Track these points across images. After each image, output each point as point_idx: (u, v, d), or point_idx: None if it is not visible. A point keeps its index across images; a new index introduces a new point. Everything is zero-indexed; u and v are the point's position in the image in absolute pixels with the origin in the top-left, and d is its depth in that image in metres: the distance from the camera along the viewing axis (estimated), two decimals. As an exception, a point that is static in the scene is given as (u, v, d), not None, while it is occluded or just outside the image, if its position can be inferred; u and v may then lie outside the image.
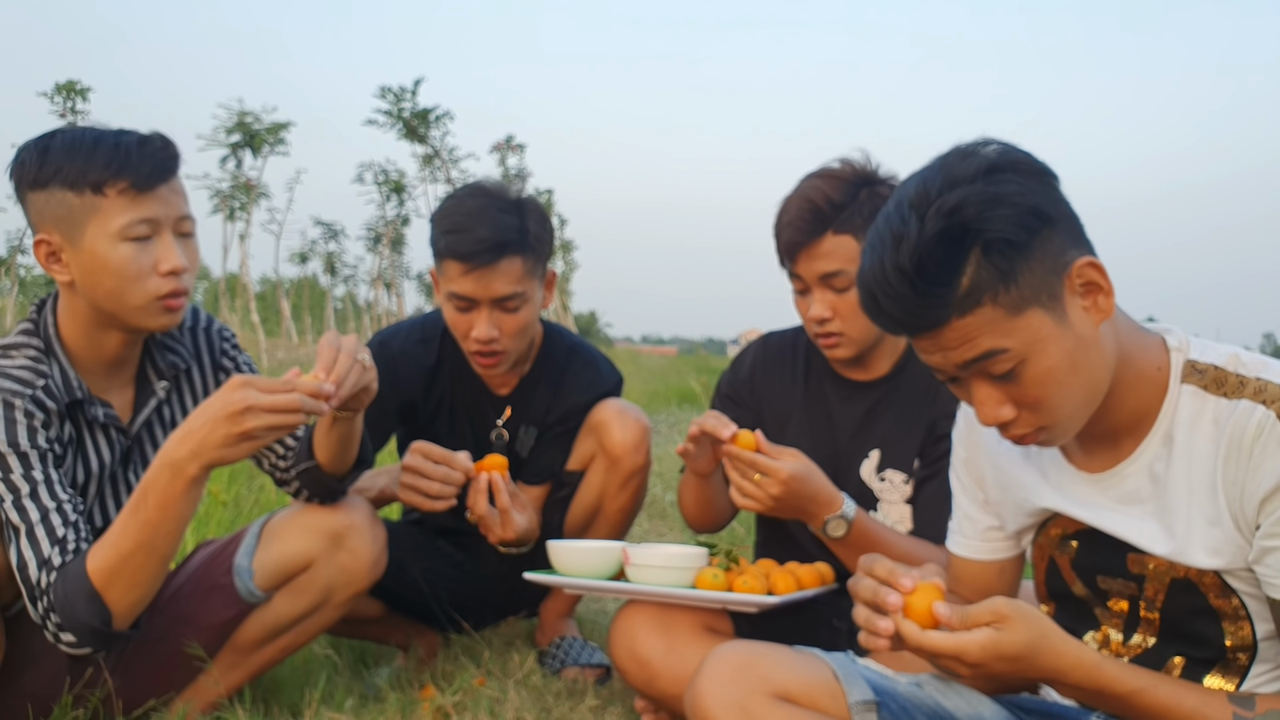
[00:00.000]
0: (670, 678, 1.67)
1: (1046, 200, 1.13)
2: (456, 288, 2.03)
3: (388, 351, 2.18)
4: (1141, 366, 1.21)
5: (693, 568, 1.72)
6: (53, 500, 1.52)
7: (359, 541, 1.76)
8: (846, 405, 1.98)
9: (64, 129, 1.59)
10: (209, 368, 1.83)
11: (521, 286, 2.05)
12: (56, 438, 1.58)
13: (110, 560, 1.49)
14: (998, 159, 1.13)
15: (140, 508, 1.49)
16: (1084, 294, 1.15)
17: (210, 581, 1.75)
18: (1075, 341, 1.14)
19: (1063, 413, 1.18)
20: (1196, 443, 1.18)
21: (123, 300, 1.57)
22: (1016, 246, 1.11)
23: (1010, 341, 1.13)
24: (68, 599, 1.48)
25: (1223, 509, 1.15)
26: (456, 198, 2.09)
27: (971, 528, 1.45)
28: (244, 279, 13.41)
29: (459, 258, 2.00)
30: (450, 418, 2.25)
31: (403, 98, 12.74)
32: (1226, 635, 1.21)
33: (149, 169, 1.55)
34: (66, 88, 12.50)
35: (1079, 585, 1.33)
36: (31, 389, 1.55)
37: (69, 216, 1.54)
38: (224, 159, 13.00)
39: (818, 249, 1.84)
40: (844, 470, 1.96)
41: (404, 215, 16.79)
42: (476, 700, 1.92)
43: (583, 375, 2.25)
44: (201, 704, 1.77)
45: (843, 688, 1.33)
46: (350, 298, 22.76)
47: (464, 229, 2.00)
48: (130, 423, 1.72)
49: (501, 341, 2.06)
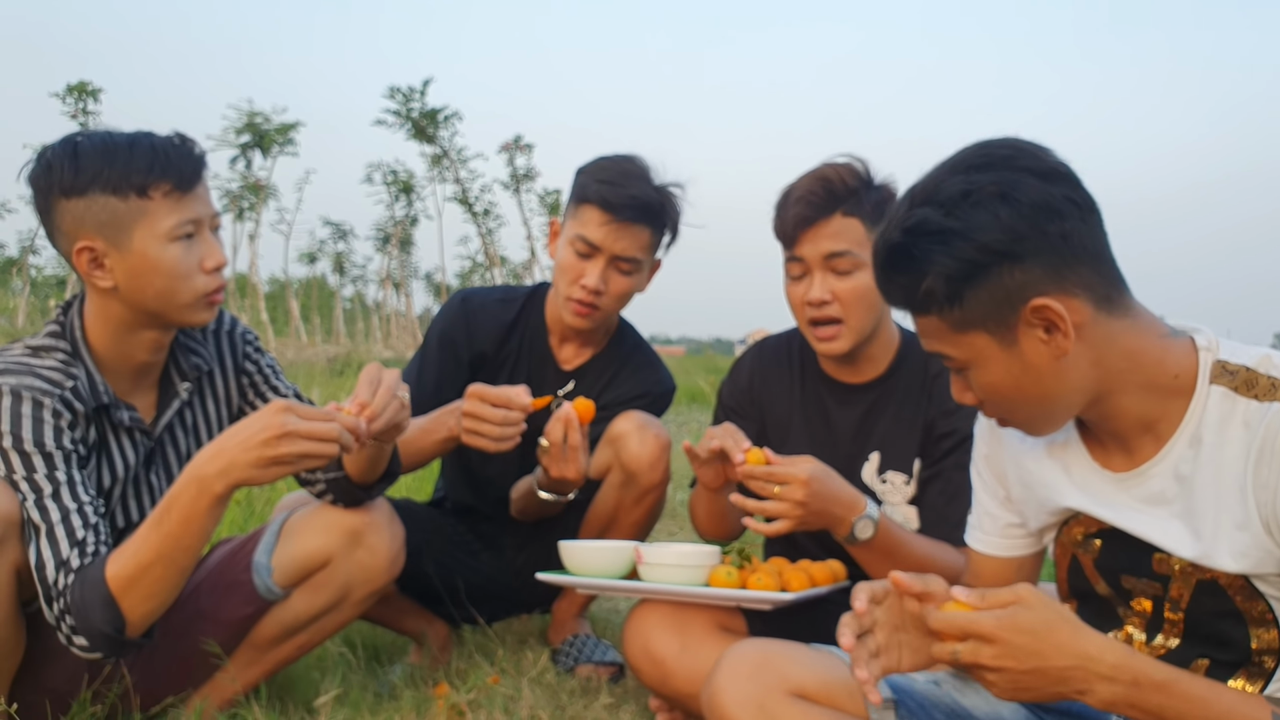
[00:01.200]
0: (684, 676, 1.67)
1: (1018, 236, 1.13)
2: (588, 233, 2.11)
3: (469, 305, 2.29)
4: (1153, 374, 1.19)
5: (706, 566, 1.72)
6: (74, 502, 1.53)
7: (378, 539, 1.77)
8: (843, 409, 1.97)
9: (84, 134, 1.59)
10: (231, 370, 1.84)
11: (641, 255, 2.15)
12: (81, 439, 1.59)
13: (129, 569, 1.49)
14: (991, 182, 1.14)
15: (163, 520, 1.50)
16: (1046, 327, 1.16)
17: (229, 578, 1.75)
18: (1021, 368, 1.18)
19: (1017, 418, 1.24)
20: (1226, 445, 1.16)
21: (172, 299, 1.60)
22: (960, 279, 1.15)
23: (954, 351, 1.21)
24: (84, 603, 1.49)
25: (1252, 512, 1.14)
26: (613, 157, 2.19)
27: (992, 524, 1.45)
28: (253, 279, 13.46)
29: (605, 205, 2.09)
30: (509, 377, 2.28)
31: (411, 98, 12.79)
32: (1253, 638, 1.19)
33: (190, 169, 1.57)
34: (78, 88, 12.58)
35: (1102, 584, 1.32)
36: (60, 390, 1.56)
37: (113, 221, 1.54)
38: (233, 159, 13.07)
39: (826, 227, 1.82)
40: (846, 474, 1.92)
41: (412, 215, 16.83)
42: (491, 698, 1.92)
43: (641, 372, 2.30)
44: (218, 701, 1.78)
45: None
46: (359, 297, 22.83)
47: (618, 184, 2.10)
48: (153, 425, 1.73)
49: (603, 299, 2.15)
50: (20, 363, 1.57)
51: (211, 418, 1.82)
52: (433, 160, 14.02)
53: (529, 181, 15.24)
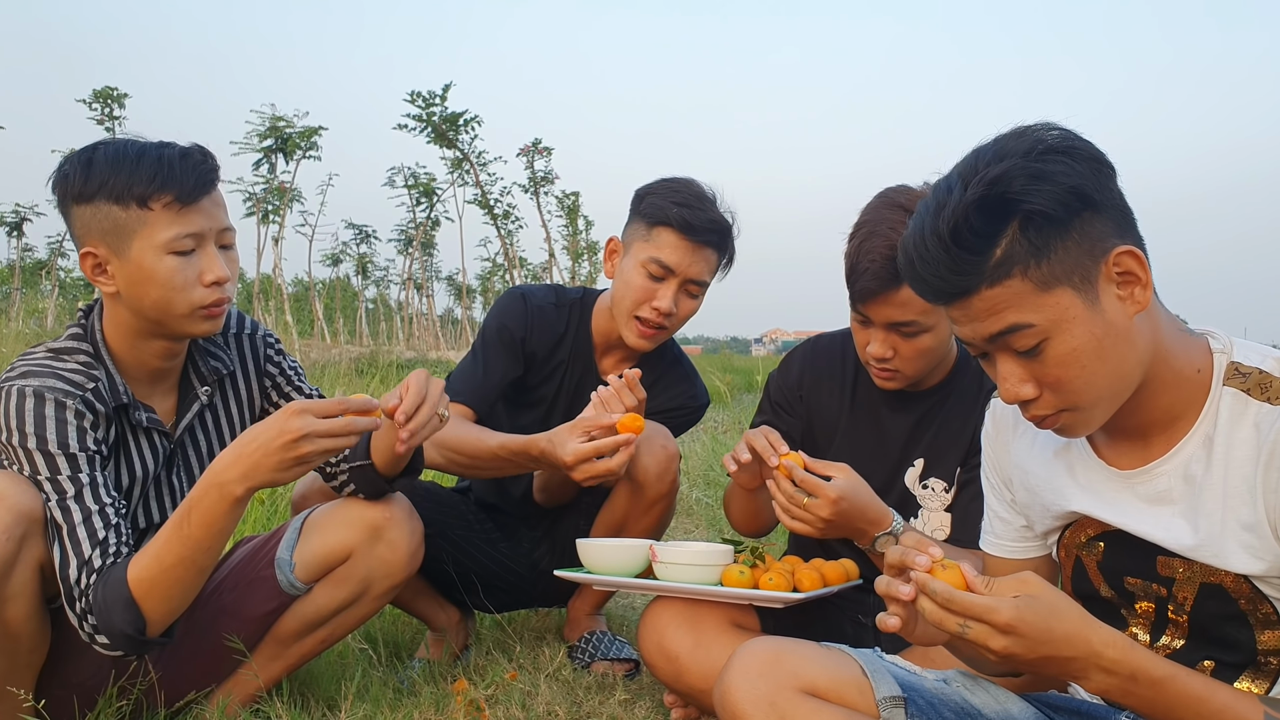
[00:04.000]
0: (698, 672, 1.69)
1: (1094, 186, 1.13)
2: (664, 256, 2.12)
3: (530, 302, 2.31)
4: (1180, 366, 1.20)
5: (719, 564, 1.73)
6: (96, 503, 1.56)
7: (398, 534, 1.80)
8: (897, 416, 1.97)
9: (106, 142, 1.62)
10: (253, 373, 1.87)
11: (710, 278, 2.20)
12: (103, 439, 1.62)
13: (151, 571, 1.53)
14: (1053, 141, 1.14)
15: (184, 523, 1.53)
16: (1121, 283, 1.14)
17: (252, 575, 1.79)
18: (1104, 327, 1.14)
19: (1085, 397, 1.17)
20: (1235, 446, 1.16)
21: (168, 309, 1.62)
22: (1053, 223, 1.11)
23: (1036, 317, 1.13)
24: (106, 603, 1.52)
25: (1260, 515, 1.14)
26: (681, 181, 2.20)
27: (1003, 527, 1.46)
28: (277, 280, 13.57)
29: (685, 229, 2.11)
30: (556, 387, 2.33)
31: (432, 102, 12.84)
32: (1257, 640, 1.20)
33: (192, 182, 1.58)
34: (104, 94, 12.72)
35: (1105, 587, 1.32)
36: (82, 391, 1.59)
37: (115, 230, 1.58)
38: (257, 163, 13.16)
39: (893, 298, 1.77)
40: (890, 478, 1.96)
41: (434, 218, 16.90)
42: (508, 693, 1.95)
43: (678, 385, 2.33)
44: (241, 696, 1.81)
45: (870, 683, 1.33)
46: (382, 299, 22.94)
47: (698, 207, 2.13)
48: (174, 427, 1.76)
49: (672, 320, 2.18)
50: (43, 365, 1.60)
51: (235, 419, 1.85)
52: (453, 164, 14.08)
53: (548, 184, 15.27)
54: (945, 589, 1.07)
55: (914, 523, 1.93)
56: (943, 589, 1.07)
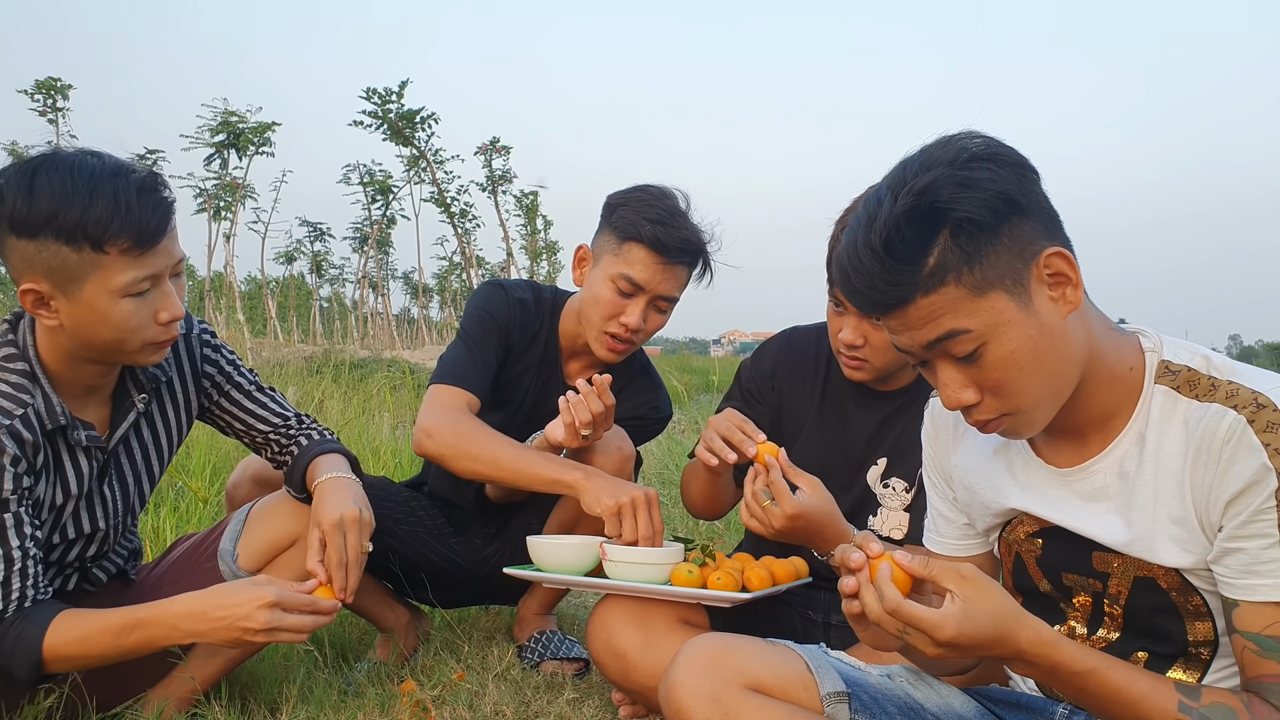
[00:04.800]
0: (647, 670, 1.69)
1: (1020, 190, 1.14)
2: (635, 273, 2.08)
3: (511, 295, 2.27)
4: (1113, 365, 1.22)
5: (669, 563, 1.73)
6: (16, 543, 1.51)
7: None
8: (864, 413, 1.99)
9: (50, 161, 1.46)
10: (189, 376, 1.82)
11: (679, 294, 2.16)
12: (27, 470, 1.53)
13: (71, 650, 1.51)
14: (977, 149, 1.15)
15: (124, 634, 1.52)
16: (1052, 284, 1.16)
17: (193, 567, 1.76)
18: (1039, 329, 1.16)
19: (1026, 399, 1.19)
20: (1165, 443, 1.19)
21: (120, 347, 1.55)
22: (983, 229, 1.12)
23: (972, 322, 1.15)
24: (11, 654, 1.50)
25: (1189, 509, 1.17)
26: (655, 193, 2.14)
27: (946, 525, 1.48)
28: (229, 278, 13.36)
29: (657, 247, 2.06)
30: (525, 386, 2.30)
31: (388, 99, 12.72)
32: (1188, 631, 1.23)
33: (153, 224, 1.47)
34: (46, 85, 12.42)
35: (1044, 582, 1.35)
36: (10, 419, 1.51)
37: (63, 270, 1.45)
38: (209, 159, 12.95)
39: None
40: (852, 475, 1.97)
41: (390, 216, 16.76)
42: (456, 694, 1.93)
43: (642, 394, 2.31)
44: (177, 699, 1.77)
45: (815, 679, 1.34)
46: (337, 297, 22.70)
47: (671, 225, 2.07)
48: (108, 438, 1.70)
49: (639, 335, 2.15)
50: None
51: (171, 424, 1.81)
52: (410, 161, 13.97)
53: (506, 183, 15.20)
54: (894, 596, 1.09)
55: (872, 521, 1.94)
56: (891, 595, 1.09)
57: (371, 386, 7.60)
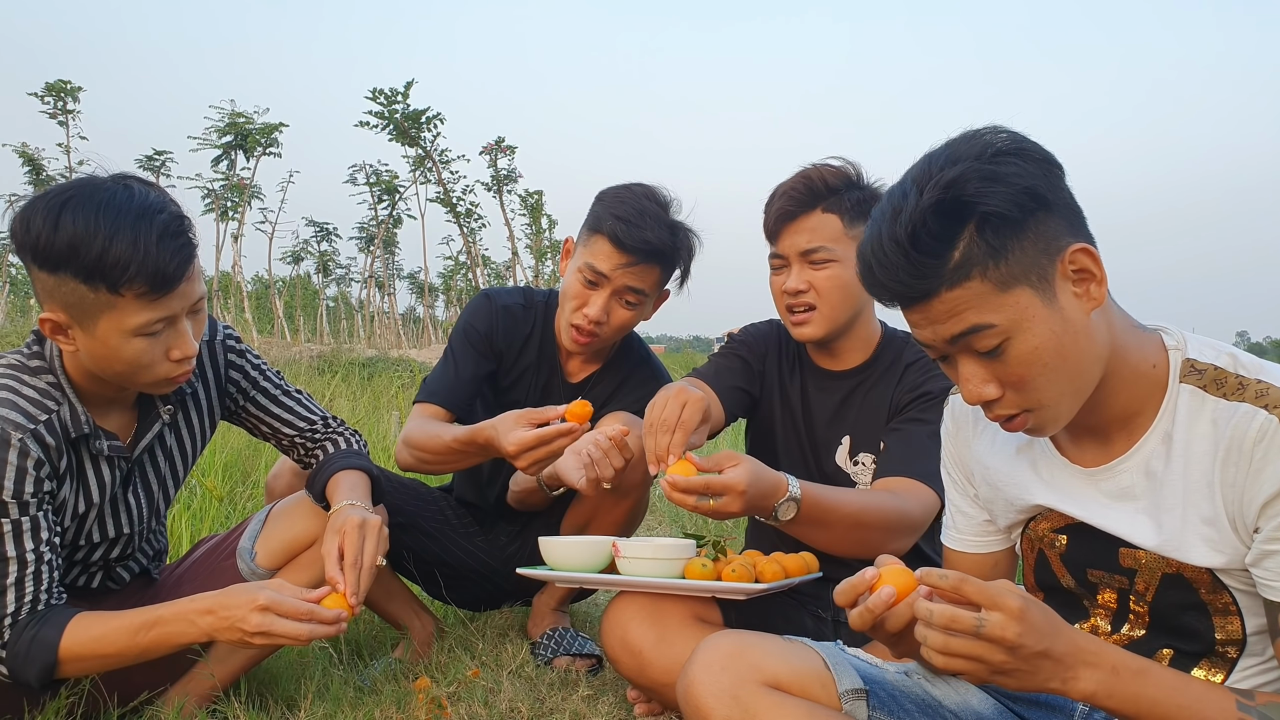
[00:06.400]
0: (661, 667, 1.69)
1: (1046, 185, 1.14)
2: (598, 264, 2.14)
3: (495, 301, 2.35)
4: (1136, 362, 1.21)
5: (681, 558, 1.74)
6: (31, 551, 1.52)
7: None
8: (822, 395, 2.06)
9: (82, 192, 1.46)
10: (213, 385, 1.83)
11: (648, 290, 2.19)
12: (50, 474, 1.55)
13: (86, 650, 1.51)
14: (1003, 144, 1.15)
15: (142, 632, 1.52)
16: (1076, 280, 1.16)
17: (212, 566, 1.77)
18: (1063, 325, 1.15)
19: (1048, 395, 1.18)
20: (1193, 442, 1.18)
21: (131, 379, 1.57)
22: (1009, 223, 1.12)
23: (996, 317, 1.14)
24: (27, 657, 1.50)
25: (1219, 509, 1.15)
26: (634, 191, 2.19)
27: (965, 522, 1.47)
28: (237, 278, 13.40)
29: (618, 244, 2.12)
30: (525, 389, 2.35)
31: (394, 100, 12.74)
32: (1216, 629, 1.21)
33: (171, 270, 1.46)
34: (57, 88, 12.48)
35: (1068, 578, 1.34)
36: (35, 423, 1.53)
37: (80, 305, 1.47)
38: (216, 159, 12.99)
39: (805, 223, 1.92)
40: (820, 457, 2.04)
41: (396, 216, 16.79)
42: (471, 691, 1.94)
43: (646, 385, 2.32)
44: (197, 695, 1.78)
45: (833, 676, 1.34)
46: (343, 297, 22.74)
47: (635, 223, 2.11)
48: (132, 445, 1.71)
49: (604, 328, 2.18)
50: (5, 384, 1.54)
51: (195, 430, 1.82)
52: (415, 162, 13.99)
53: (511, 183, 15.22)
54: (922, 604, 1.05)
55: None
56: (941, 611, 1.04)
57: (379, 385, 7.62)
